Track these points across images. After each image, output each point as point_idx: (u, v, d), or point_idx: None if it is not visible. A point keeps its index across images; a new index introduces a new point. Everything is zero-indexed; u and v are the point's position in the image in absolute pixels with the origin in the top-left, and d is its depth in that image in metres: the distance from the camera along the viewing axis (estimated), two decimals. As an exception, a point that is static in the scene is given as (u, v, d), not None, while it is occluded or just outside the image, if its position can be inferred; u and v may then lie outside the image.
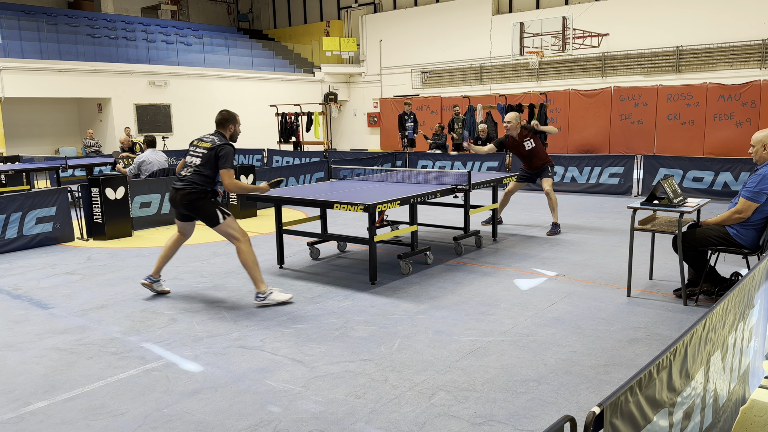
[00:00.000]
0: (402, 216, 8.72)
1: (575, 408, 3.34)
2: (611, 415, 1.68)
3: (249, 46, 24.93)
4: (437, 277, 6.06)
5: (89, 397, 3.61)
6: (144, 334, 4.64)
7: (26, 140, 19.33)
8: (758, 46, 17.12)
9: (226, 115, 5.45)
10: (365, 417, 3.29)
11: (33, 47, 17.95)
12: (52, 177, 12.82)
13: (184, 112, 20.85)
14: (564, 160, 12.31)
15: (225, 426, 3.24)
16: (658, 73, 18.85)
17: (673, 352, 2.02)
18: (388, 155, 14.75)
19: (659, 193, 5.11)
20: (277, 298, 5.29)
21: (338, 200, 5.80)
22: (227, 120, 5.44)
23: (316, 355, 4.14)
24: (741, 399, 3.11)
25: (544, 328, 4.56)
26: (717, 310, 2.40)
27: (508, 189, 8.51)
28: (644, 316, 4.79)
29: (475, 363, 3.95)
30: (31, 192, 8.24)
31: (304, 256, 7.12)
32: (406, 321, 4.79)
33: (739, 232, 4.75)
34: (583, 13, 19.22)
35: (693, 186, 10.76)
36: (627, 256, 5.51)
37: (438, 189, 6.44)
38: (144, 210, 9.28)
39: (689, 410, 2.24)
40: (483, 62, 22.42)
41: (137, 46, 20.65)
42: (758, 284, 3.11)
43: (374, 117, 25.36)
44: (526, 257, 6.80)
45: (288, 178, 11.98)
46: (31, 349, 4.42)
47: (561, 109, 19.91)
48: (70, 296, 5.73)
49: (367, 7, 26.05)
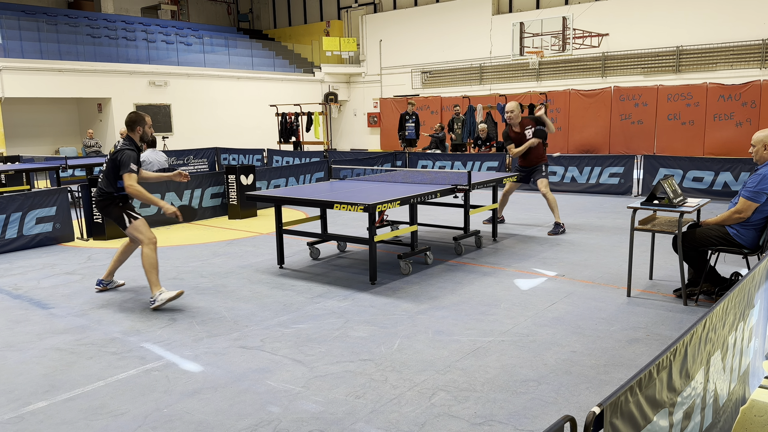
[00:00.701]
0: (402, 216, 8.72)
1: (575, 408, 3.34)
2: (611, 415, 1.68)
3: (249, 46, 24.93)
4: (437, 277, 6.06)
5: (89, 397, 3.61)
6: (144, 334, 4.64)
7: (26, 140, 19.33)
8: (758, 46, 17.12)
9: (134, 117, 5.50)
10: (365, 417, 3.29)
11: (33, 47, 17.95)
12: (52, 177, 12.81)
13: (184, 112, 20.85)
14: (564, 160, 12.31)
15: (225, 426, 3.24)
16: (658, 73, 18.85)
17: (673, 352, 2.02)
18: (388, 155, 14.75)
19: (659, 193, 5.11)
20: (166, 297, 5.28)
21: (338, 200, 5.80)
22: (135, 122, 5.50)
23: (316, 355, 4.14)
24: (741, 399, 3.11)
25: (544, 328, 4.56)
26: (717, 310, 2.40)
27: (506, 189, 8.53)
28: (644, 316, 4.79)
29: (475, 363, 3.95)
30: (31, 192, 8.24)
31: (304, 256, 7.11)
32: (406, 321, 4.79)
33: (739, 232, 4.75)
34: (583, 13, 19.23)
35: (693, 186, 10.76)
36: (627, 256, 5.51)
37: (438, 189, 6.44)
38: (144, 210, 9.27)
39: (689, 410, 2.24)
40: (483, 62, 22.42)
41: (137, 46, 20.65)
42: (758, 284, 3.11)
43: (374, 117, 25.36)
44: (526, 257, 6.80)
45: (288, 178, 11.98)
46: (31, 349, 4.42)
47: (561, 109, 19.91)
48: (70, 296, 5.73)
49: (367, 7, 26.05)
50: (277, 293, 5.64)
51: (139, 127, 5.50)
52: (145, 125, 5.51)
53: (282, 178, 11.80)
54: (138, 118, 5.48)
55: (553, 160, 12.38)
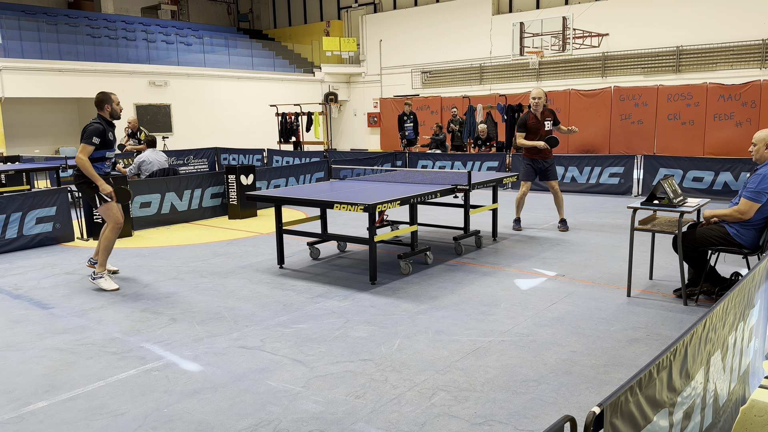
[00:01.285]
0: (402, 216, 8.72)
1: (575, 408, 3.34)
2: (611, 415, 1.68)
3: (249, 46, 24.93)
4: (437, 277, 6.06)
5: (89, 397, 3.61)
6: (144, 334, 4.64)
7: (26, 140, 19.32)
8: (758, 46, 17.12)
9: (100, 97, 5.92)
10: (365, 417, 3.29)
11: (33, 47, 17.95)
12: (52, 177, 12.81)
13: (184, 112, 20.85)
14: (564, 160, 12.31)
15: (225, 426, 3.24)
16: (658, 73, 18.85)
17: (673, 352, 2.02)
18: (388, 155, 14.75)
19: (659, 193, 5.11)
20: (103, 285, 5.85)
21: (338, 200, 5.80)
22: (102, 101, 5.92)
23: (316, 355, 4.14)
24: (741, 399, 3.11)
25: (544, 328, 4.56)
26: (717, 310, 2.40)
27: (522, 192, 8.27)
28: (644, 316, 4.79)
29: (475, 363, 3.95)
30: (31, 192, 8.25)
31: (304, 256, 7.11)
32: (406, 321, 4.79)
33: (739, 232, 4.75)
34: (583, 13, 19.23)
35: (693, 186, 10.76)
36: (627, 256, 5.51)
37: (438, 189, 6.44)
38: (144, 210, 9.28)
39: (689, 410, 2.24)
40: (483, 62, 22.42)
41: (137, 46, 20.64)
42: (758, 284, 3.11)
43: (374, 117, 25.36)
44: (526, 257, 6.80)
45: (288, 178, 11.98)
46: (31, 349, 4.42)
47: (561, 109, 19.90)
48: (70, 296, 5.73)
49: (367, 7, 26.05)
50: (277, 293, 5.64)
51: (107, 105, 5.92)
52: (112, 103, 5.94)
53: (282, 178, 11.80)
54: (104, 97, 5.91)
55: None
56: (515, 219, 8.43)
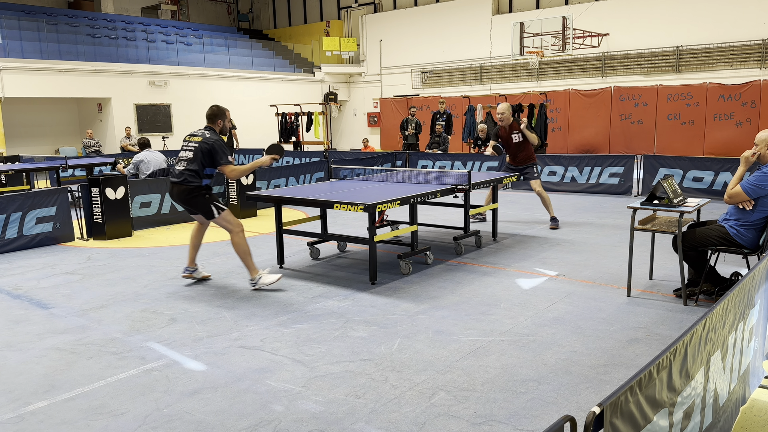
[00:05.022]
0: (402, 216, 8.72)
1: (575, 408, 3.34)
2: (611, 415, 1.68)
3: (249, 46, 24.92)
4: (437, 277, 6.06)
5: (89, 397, 3.61)
6: (144, 334, 4.64)
7: (26, 140, 19.33)
8: (758, 46, 17.12)
9: (216, 111, 5.77)
10: (365, 417, 3.29)
11: (33, 47, 17.95)
12: (52, 177, 12.81)
13: (184, 112, 20.84)
14: (564, 160, 12.31)
15: (225, 426, 3.24)
16: (658, 73, 18.85)
17: (673, 352, 2.02)
18: (388, 155, 14.75)
19: (659, 193, 5.11)
20: (266, 281, 5.71)
21: (338, 200, 5.80)
22: (216, 115, 5.78)
23: (316, 355, 4.14)
24: (741, 399, 3.11)
25: (544, 328, 4.56)
26: (717, 310, 2.40)
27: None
28: (644, 316, 4.79)
29: (475, 363, 3.95)
30: (31, 192, 8.24)
31: (304, 256, 7.11)
32: (406, 321, 4.79)
33: (739, 232, 4.75)
34: (583, 13, 19.22)
35: (693, 186, 10.76)
36: (627, 256, 5.51)
37: (438, 189, 6.44)
38: (144, 210, 9.28)
39: (689, 410, 2.24)
40: (483, 62, 22.42)
41: (137, 46, 20.64)
42: (758, 284, 3.11)
43: (374, 117, 25.36)
44: (526, 257, 6.80)
45: (288, 178, 11.98)
46: (31, 349, 4.42)
47: (561, 109, 19.91)
48: (70, 296, 5.73)
49: (367, 7, 26.05)
50: (277, 293, 5.64)
51: (220, 120, 5.84)
52: (225, 119, 5.85)
53: (282, 178, 11.80)
54: (219, 112, 5.82)
55: (553, 160, 12.39)
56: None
